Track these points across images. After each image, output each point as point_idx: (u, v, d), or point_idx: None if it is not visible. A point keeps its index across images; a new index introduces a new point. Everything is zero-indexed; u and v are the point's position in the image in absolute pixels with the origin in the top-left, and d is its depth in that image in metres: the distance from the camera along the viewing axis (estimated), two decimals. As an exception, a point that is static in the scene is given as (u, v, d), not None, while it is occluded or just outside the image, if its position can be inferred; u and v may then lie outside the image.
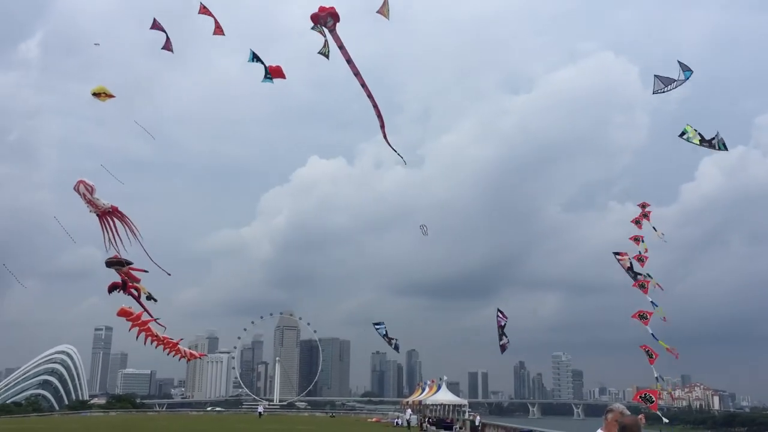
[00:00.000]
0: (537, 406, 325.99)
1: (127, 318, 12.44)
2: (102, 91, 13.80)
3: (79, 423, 62.79)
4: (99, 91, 13.75)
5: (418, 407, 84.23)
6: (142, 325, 12.42)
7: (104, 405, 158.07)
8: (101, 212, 11.85)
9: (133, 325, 12.54)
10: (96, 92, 13.70)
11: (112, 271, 12.09)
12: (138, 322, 12.43)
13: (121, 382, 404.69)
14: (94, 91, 13.68)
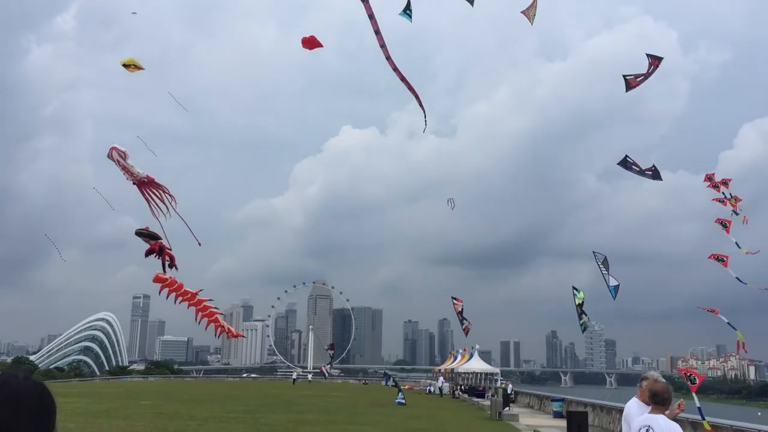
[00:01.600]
0: (569, 375, 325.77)
1: (163, 284, 12.69)
2: (132, 62, 13.96)
3: (121, 387, 64.69)
4: (129, 62, 13.91)
5: (450, 375, 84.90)
6: (177, 290, 12.65)
7: (143, 371, 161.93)
8: (138, 181, 12.05)
9: (170, 291, 12.78)
10: (126, 63, 13.88)
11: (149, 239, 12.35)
12: (173, 287, 12.65)
13: (159, 348, 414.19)
14: (123, 63, 13.86)
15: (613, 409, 29.01)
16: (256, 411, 31.75)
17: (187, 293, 12.33)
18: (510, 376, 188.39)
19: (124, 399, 40.89)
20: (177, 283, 12.33)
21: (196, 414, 28.71)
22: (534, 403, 47.40)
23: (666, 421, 6.58)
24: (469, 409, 42.16)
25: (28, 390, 1.66)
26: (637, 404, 7.52)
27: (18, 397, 1.62)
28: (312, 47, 14.79)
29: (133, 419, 25.40)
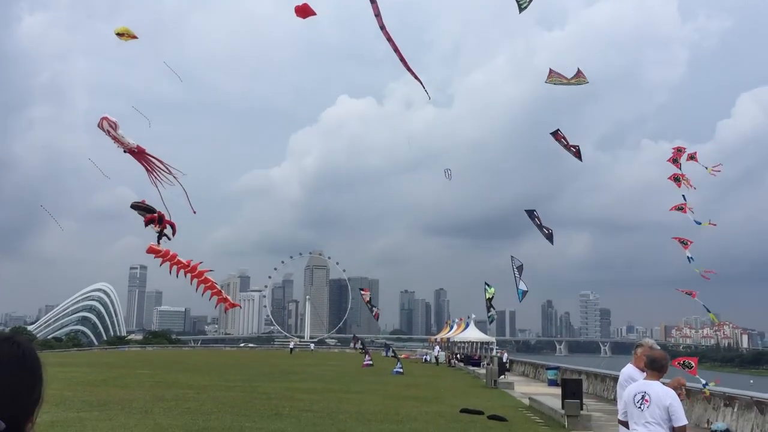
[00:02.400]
0: (564, 344, 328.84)
1: (156, 255, 12.64)
2: (125, 31, 13.78)
3: (119, 357, 65.12)
4: (122, 31, 13.74)
5: (446, 344, 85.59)
6: (171, 259, 12.60)
7: (141, 341, 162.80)
8: (128, 150, 11.94)
9: (163, 261, 12.75)
10: (119, 32, 13.71)
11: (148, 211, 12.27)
12: (167, 258, 12.61)
13: (156, 318, 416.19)
14: (117, 31, 13.69)
15: (607, 377, 29.32)
16: (254, 380, 32.01)
17: (182, 263, 12.30)
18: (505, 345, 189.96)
19: (122, 368, 41.15)
20: (171, 253, 12.29)
21: (194, 383, 28.93)
22: (529, 371, 47.87)
23: (661, 387, 6.65)
24: (465, 377, 42.59)
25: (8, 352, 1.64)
26: (632, 370, 7.60)
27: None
28: (305, 16, 14.57)
29: (132, 388, 25.59)
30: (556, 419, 18.27)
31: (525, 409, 21.96)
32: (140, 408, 18.37)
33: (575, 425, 16.72)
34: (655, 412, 6.50)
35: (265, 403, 20.68)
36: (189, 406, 19.16)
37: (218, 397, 22.12)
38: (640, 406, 6.62)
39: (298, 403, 20.74)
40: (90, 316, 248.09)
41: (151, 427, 14.69)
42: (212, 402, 20.56)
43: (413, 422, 16.91)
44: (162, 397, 21.71)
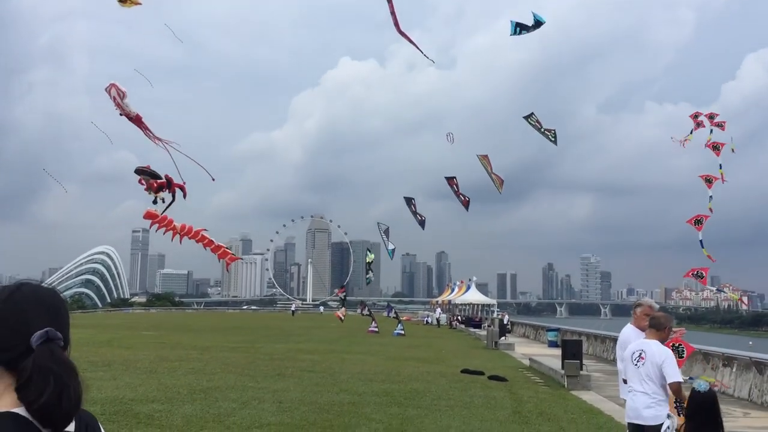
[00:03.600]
0: (564, 306, 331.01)
1: (154, 220, 12.64)
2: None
3: (124, 319, 65.69)
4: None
5: (448, 307, 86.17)
6: (168, 225, 12.61)
7: (145, 303, 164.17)
8: (126, 114, 11.88)
9: (159, 226, 12.76)
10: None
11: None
12: (164, 222, 12.62)
13: (159, 281, 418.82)
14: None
15: (607, 338, 29.57)
16: (257, 341, 32.32)
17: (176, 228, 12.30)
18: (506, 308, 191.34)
19: (127, 330, 41.55)
20: (168, 219, 12.28)
21: (197, 344, 29.22)
22: (529, 333, 48.28)
23: (658, 346, 6.69)
24: (466, 339, 42.98)
25: (44, 290, 1.88)
26: (631, 330, 7.63)
27: (37, 294, 1.84)
28: None
29: (136, 348, 25.87)
30: (556, 379, 18.48)
31: (525, 369, 22.19)
32: (145, 368, 18.58)
33: (575, 385, 16.90)
34: (650, 369, 6.56)
35: (267, 363, 20.91)
36: (193, 367, 19.39)
37: (221, 358, 22.36)
38: (637, 363, 6.69)
39: (300, 364, 20.97)
40: (93, 279, 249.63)
41: (155, 386, 14.88)
42: (216, 362, 20.79)
43: (415, 382, 17.11)
44: (166, 358, 21.95)
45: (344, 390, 15.24)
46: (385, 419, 11.68)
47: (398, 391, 15.24)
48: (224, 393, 14.27)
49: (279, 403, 13.16)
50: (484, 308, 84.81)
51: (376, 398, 14.17)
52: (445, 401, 14.07)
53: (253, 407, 12.56)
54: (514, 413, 12.95)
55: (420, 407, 13.15)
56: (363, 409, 12.66)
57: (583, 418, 12.69)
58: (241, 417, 11.50)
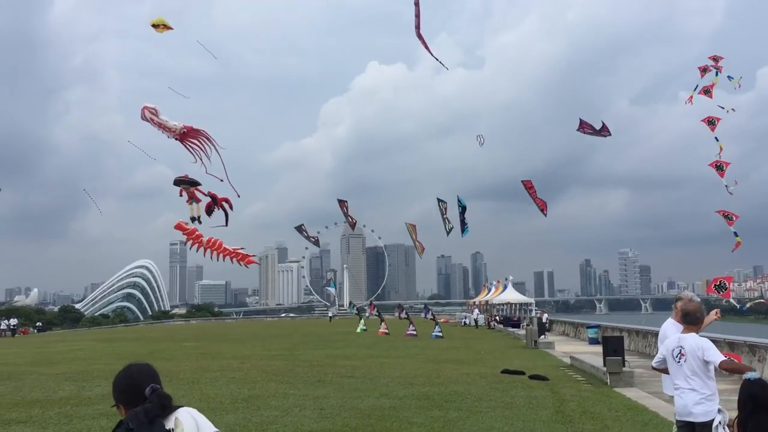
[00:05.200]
0: (604, 302, 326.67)
1: (184, 232, 12.82)
2: (161, 22, 13.87)
3: (165, 331, 66.69)
4: (158, 22, 13.83)
5: (485, 307, 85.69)
6: (196, 239, 12.77)
7: (185, 314, 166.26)
8: (178, 135, 12.05)
9: (187, 239, 12.93)
10: (155, 24, 13.80)
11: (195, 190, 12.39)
12: (193, 236, 12.78)
13: (198, 292, 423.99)
14: (153, 23, 13.78)
15: (649, 333, 29.12)
16: (296, 348, 32.52)
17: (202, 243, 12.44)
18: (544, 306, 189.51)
19: (168, 341, 42.14)
20: (197, 233, 12.44)
21: (238, 353, 29.51)
22: (569, 330, 47.78)
23: (696, 339, 6.56)
24: (505, 338, 42.69)
25: (143, 364, 3.59)
26: (672, 325, 7.52)
27: (139, 367, 3.54)
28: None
29: (178, 360, 26.21)
30: (598, 377, 18.25)
31: (566, 368, 21.96)
32: (187, 379, 18.83)
33: (618, 382, 16.67)
34: (692, 364, 6.43)
35: (307, 370, 21.03)
36: (234, 376, 19.58)
37: (262, 366, 22.55)
38: (678, 360, 6.56)
39: (339, 370, 21.04)
40: (134, 293, 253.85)
41: (197, 397, 15.06)
42: (256, 371, 20.97)
43: (455, 384, 17.05)
44: (207, 368, 22.21)
45: (384, 394, 15.26)
46: (427, 422, 11.66)
47: (438, 394, 15.20)
48: (266, 401, 14.39)
49: (320, 409, 13.23)
50: (522, 307, 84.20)
51: (417, 402, 14.15)
52: (487, 402, 13.99)
53: (294, 414, 12.65)
54: (557, 412, 12.82)
55: (461, 409, 13.10)
56: (404, 413, 12.65)
57: (628, 415, 12.52)
58: (283, 424, 11.59)
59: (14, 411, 13.62)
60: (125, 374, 3.51)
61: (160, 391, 3.43)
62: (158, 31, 13.91)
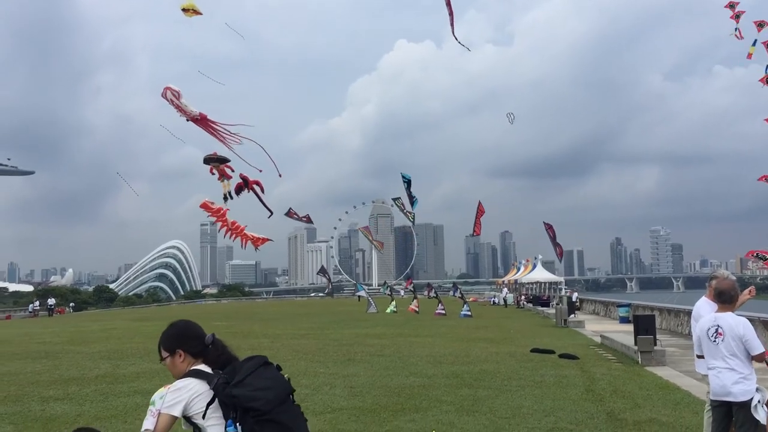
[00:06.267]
0: (635, 281, 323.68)
1: (208, 211, 12.95)
2: (191, 7, 13.91)
3: (197, 310, 67.64)
4: (188, 7, 13.88)
5: (514, 286, 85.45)
6: (221, 218, 12.90)
7: (216, 294, 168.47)
8: (191, 118, 12.16)
9: (216, 219, 13.07)
10: (185, 8, 13.85)
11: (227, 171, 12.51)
12: (218, 215, 12.91)
13: (229, 272, 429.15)
14: (183, 7, 13.83)
15: (681, 312, 28.77)
16: (326, 327, 32.78)
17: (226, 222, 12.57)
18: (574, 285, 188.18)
19: (200, 320, 42.17)
20: (222, 210, 12.55)
21: (268, 332, 29.86)
22: (599, 309, 47.43)
23: (734, 318, 6.44)
24: (534, 317, 42.53)
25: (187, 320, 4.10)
26: (706, 304, 7.39)
27: (187, 322, 4.04)
28: None
29: (210, 339, 26.58)
30: (629, 356, 18.11)
31: (596, 346, 21.82)
32: (219, 357, 19.08)
33: (649, 361, 16.53)
34: (731, 344, 6.32)
35: (337, 349, 21.20)
36: (264, 354, 19.79)
37: (292, 345, 22.79)
38: (715, 339, 6.44)
39: (369, 348, 21.17)
40: (167, 273, 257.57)
41: (230, 375, 15.27)
42: (286, 350, 21.20)
43: (484, 363, 17.05)
44: (238, 347, 22.37)
45: (414, 373, 15.33)
46: (456, 401, 11.69)
47: (468, 373, 15.23)
48: (296, 379, 14.48)
49: (350, 387, 13.34)
50: (551, 286, 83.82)
51: (446, 380, 14.19)
52: (516, 381, 13.98)
53: (324, 392, 12.77)
54: (587, 391, 12.77)
55: (490, 388, 13.11)
56: (433, 392, 12.71)
57: (659, 394, 12.42)
58: (313, 402, 11.71)
59: (52, 388, 13.96)
60: (184, 324, 3.88)
61: (219, 341, 3.75)
62: (188, 15, 13.95)
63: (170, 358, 3.75)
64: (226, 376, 3.52)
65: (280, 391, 3.58)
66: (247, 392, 3.43)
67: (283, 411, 3.51)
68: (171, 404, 3.48)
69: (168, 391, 3.54)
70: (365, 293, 63.32)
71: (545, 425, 9.72)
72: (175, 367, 3.76)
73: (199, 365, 3.68)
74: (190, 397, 3.50)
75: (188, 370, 3.65)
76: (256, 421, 3.39)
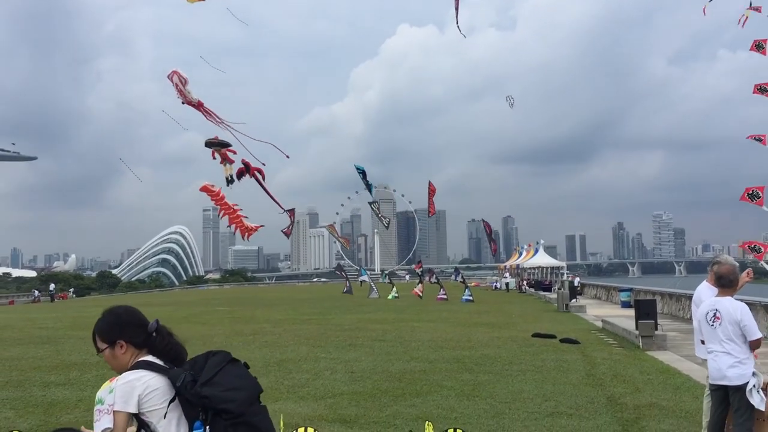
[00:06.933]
0: (637, 266, 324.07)
1: (209, 194, 12.93)
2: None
3: (199, 295, 67.90)
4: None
5: (516, 271, 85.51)
6: (220, 201, 12.88)
7: (219, 279, 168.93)
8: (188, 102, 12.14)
9: (216, 202, 13.06)
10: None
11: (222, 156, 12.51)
12: (217, 198, 12.90)
13: (231, 258, 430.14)
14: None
15: (683, 296, 28.78)
16: (328, 312, 32.85)
17: (226, 205, 12.58)
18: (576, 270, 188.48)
19: (203, 306, 42.89)
20: (221, 194, 12.55)
21: (270, 317, 29.93)
22: (601, 294, 47.49)
23: (732, 302, 6.44)
24: (536, 302, 42.59)
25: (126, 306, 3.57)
26: (707, 288, 7.36)
27: (127, 308, 3.52)
28: None
29: (212, 324, 26.68)
30: (630, 340, 18.12)
31: (598, 331, 21.85)
32: (220, 343, 19.15)
33: (650, 345, 16.54)
34: (728, 328, 6.33)
35: (338, 334, 21.24)
36: (266, 340, 19.87)
37: (294, 330, 22.84)
38: (713, 323, 6.46)
39: (370, 333, 21.21)
40: (169, 258, 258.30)
41: (231, 360, 15.31)
42: (288, 335, 21.25)
43: (485, 348, 17.08)
44: (241, 332, 22.57)
45: (415, 358, 15.35)
46: (457, 386, 11.71)
47: (469, 358, 15.25)
48: (297, 365, 14.58)
49: (351, 372, 13.36)
50: (553, 271, 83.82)
51: (447, 365, 14.21)
52: (517, 366, 14.00)
53: (326, 378, 12.80)
54: (588, 376, 12.78)
55: (491, 372, 13.12)
56: (434, 377, 12.72)
57: (660, 378, 12.43)
58: (314, 387, 11.73)
59: (53, 373, 14.01)
60: (124, 310, 3.38)
61: (164, 328, 3.30)
62: (190, 1, 13.86)
63: (109, 350, 3.31)
64: (192, 373, 3.13)
65: (251, 392, 3.23)
66: (218, 392, 3.07)
67: (254, 413, 3.18)
68: (124, 400, 3.07)
69: (116, 385, 3.12)
70: (368, 278, 63.30)
71: (545, 410, 9.73)
72: (115, 360, 3.33)
73: (146, 356, 3.26)
74: (143, 392, 3.10)
75: (136, 362, 3.24)
76: (231, 423, 3.06)
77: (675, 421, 9.02)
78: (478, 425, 8.87)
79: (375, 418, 9.36)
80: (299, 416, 9.46)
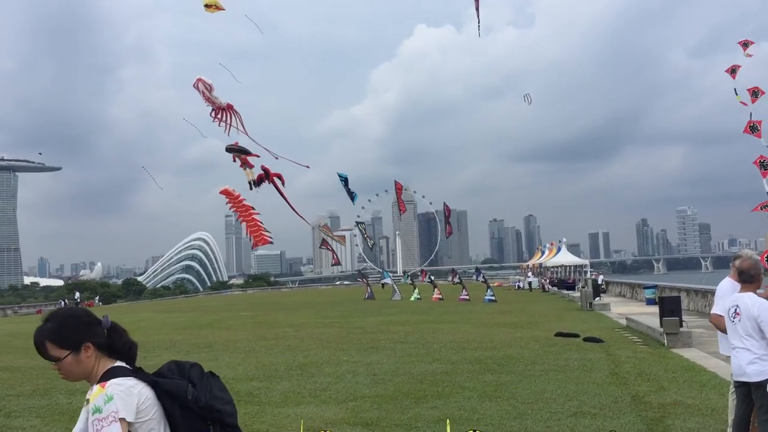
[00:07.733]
0: (662, 262, 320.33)
1: (228, 197, 13.08)
2: (213, 2, 14.01)
3: (223, 301, 68.29)
4: (210, 2, 13.97)
5: (539, 270, 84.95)
6: (238, 205, 13.03)
7: (242, 284, 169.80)
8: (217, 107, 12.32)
9: (233, 205, 13.20)
10: (207, 3, 13.95)
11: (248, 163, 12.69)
12: (236, 202, 13.05)
13: (254, 262, 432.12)
14: (206, 2, 13.92)
15: (708, 292, 28.39)
16: (350, 315, 32.88)
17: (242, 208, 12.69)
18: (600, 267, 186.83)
19: (226, 311, 43.15)
20: (240, 198, 12.66)
21: (293, 321, 30.03)
22: (626, 291, 47.03)
23: (752, 298, 6.33)
24: (560, 301, 42.27)
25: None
26: (729, 284, 7.26)
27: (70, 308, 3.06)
28: None
29: (235, 329, 26.82)
30: (654, 338, 17.92)
31: (622, 329, 21.63)
32: (244, 348, 19.25)
33: (675, 343, 16.33)
34: (746, 324, 6.24)
35: (361, 337, 21.25)
36: (289, 344, 19.94)
37: (316, 334, 22.89)
38: (733, 319, 6.38)
39: (392, 336, 21.20)
40: (193, 264, 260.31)
41: (254, 365, 15.39)
42: (311, 339, 21.30)
43: (508, 348, 16.99)
44: (263, 337, 22.67)
45: (437, 359, 15.31)
46: (479, 387, 11.66)
47: (491, 358, 15.18)
48: (320, 368, 14.60)
49: (373, 375, 13.36)
50: (576, 269, 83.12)
51: (469, 366, 14.16)
52: (540, 366, 13.90)
53: (348, 381, 12.81)
54: (612, 374, 12.66)
55: (514, 373, 13.05)
56: (456, 378, 12.68)
57: (685, 376, 12.27)
58: (336, 391, 11.75)
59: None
60: (82, 311, 2.97)
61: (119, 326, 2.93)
62: (210, 11, 14.02)
63: (72, 356, 2.82)
64: (191, 385, 2.85)
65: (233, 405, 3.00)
66: (224, 407, 2.89)
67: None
68: (126, 408, 2.69)
69: (114, 391, 2.71)
70: (390, 280, 63.28)
71: (568, 409, 9.66)
72: (80, 366, 2.86)
73: (116, 362, 2.88)
74: (140, 401, 2.74)
75: (111, 368, 2.85)
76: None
77: (701, 419, 8.91)
78: (500, 426, 8.83)
79: (397, 420, 9.35)
80: (321, 420, 9.48)
